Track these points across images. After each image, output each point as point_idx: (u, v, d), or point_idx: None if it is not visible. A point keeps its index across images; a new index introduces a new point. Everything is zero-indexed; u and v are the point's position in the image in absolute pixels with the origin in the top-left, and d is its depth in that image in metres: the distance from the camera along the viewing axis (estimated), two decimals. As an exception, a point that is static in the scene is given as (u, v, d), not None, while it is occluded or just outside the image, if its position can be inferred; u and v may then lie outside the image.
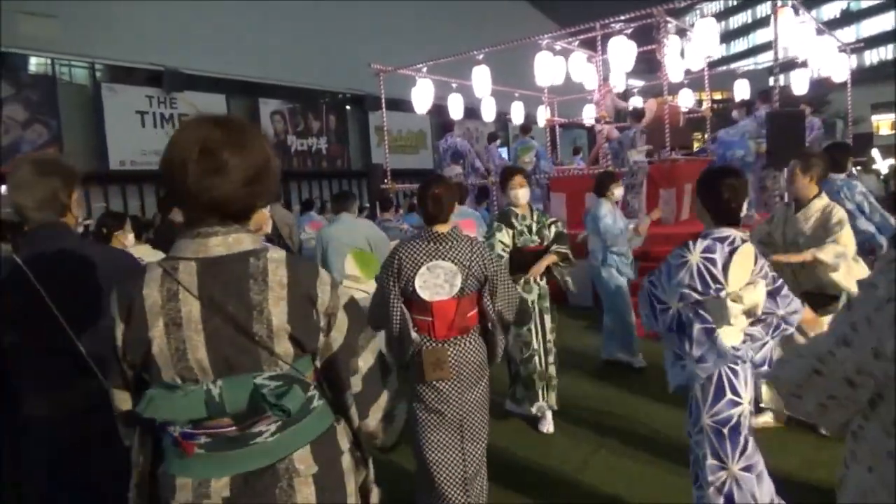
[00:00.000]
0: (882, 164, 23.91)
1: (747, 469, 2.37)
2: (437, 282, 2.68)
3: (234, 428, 1.28)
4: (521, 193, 4.09)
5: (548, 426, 4.08)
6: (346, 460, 1.40)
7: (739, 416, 2.37)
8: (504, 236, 4.02)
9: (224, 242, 1.28)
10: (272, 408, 1.24)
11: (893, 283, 0.93)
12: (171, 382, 1.28)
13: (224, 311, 1.26)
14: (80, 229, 2.43)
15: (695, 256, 2.39)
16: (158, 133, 17.67)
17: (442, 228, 2.77)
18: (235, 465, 1.28)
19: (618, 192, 5.41)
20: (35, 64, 16.36)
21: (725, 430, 2.37)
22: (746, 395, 2.40)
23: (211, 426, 1.28)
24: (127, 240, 4.00)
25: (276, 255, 1.32)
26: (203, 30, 18.29)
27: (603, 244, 5.21)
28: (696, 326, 2.38)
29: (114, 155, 16.75)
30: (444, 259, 2.70)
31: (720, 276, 2.34)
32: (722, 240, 2.40)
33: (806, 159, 3.62)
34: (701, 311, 2.37)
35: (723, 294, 2.34)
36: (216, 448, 1.29)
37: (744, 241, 2.41)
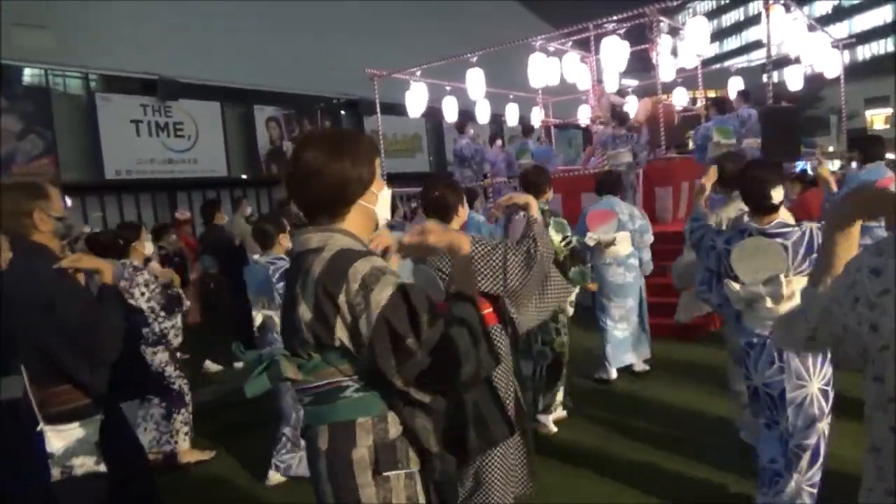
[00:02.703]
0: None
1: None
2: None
3: None
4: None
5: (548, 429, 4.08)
6: (360, 454, 1.46)
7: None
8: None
9: (297, 241, 1.56)
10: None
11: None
12: None
13: (287, 299, 1.56)
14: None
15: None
16: (154, 142, 17.67)
17: None
18: (307, 415, 1.60)
19: None
20: (29, 75, 16.37)
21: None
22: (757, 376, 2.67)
23: None
24: (145, 249, 4.00)
25: (329, 253, 1.48)
26: (197, 37, 18.29)
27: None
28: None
29: (109, 165, 16.75)
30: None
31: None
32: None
33: None
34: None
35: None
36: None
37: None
